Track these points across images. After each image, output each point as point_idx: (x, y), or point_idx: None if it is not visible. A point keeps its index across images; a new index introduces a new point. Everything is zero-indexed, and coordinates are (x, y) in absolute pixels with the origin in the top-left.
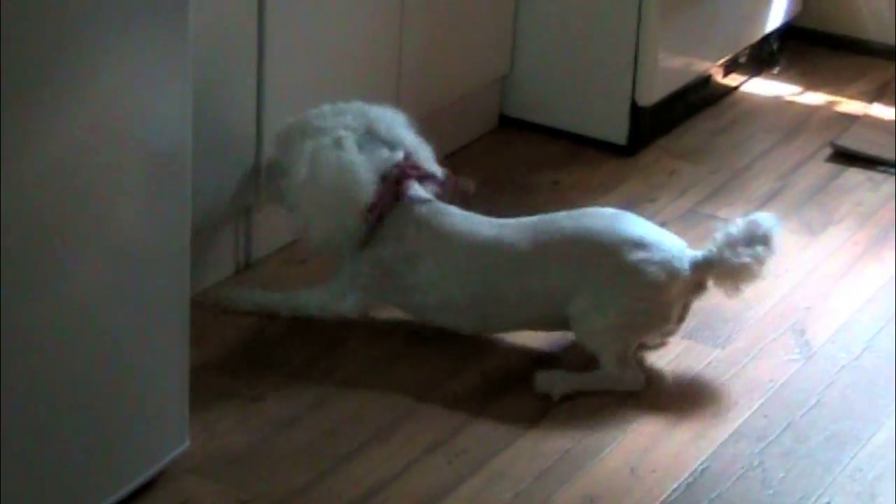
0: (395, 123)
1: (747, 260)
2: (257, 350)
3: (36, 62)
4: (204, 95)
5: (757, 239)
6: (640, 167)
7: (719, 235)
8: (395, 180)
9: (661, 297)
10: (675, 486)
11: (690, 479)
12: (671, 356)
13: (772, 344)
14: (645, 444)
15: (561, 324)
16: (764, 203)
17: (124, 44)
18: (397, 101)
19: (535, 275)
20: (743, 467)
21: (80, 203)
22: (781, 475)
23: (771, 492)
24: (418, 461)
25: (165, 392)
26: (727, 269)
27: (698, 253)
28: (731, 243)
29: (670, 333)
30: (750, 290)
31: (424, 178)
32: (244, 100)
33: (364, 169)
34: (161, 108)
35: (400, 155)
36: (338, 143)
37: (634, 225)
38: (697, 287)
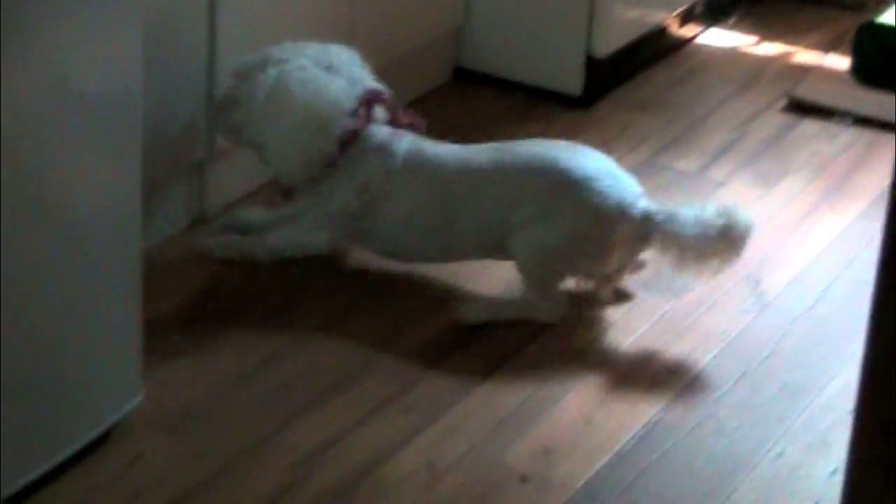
0: (353, 62)
1: (696, 234)
2: (213, 304)
3: None
4: (154, 47)
5: (722, 227)
6: (595, 119)
7: (686, 206)
8: (366, 103)
9: (605, 228)
10: (630, 436)
11: (645, 430)
12: (625, 308)
13: (726, 295)
14: (600, 395)
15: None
16: (719, 155)
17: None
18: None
19: (491, 190)
20: (697, 418)
21: (27, 155)
22: (735, 425)
23: (725, 441)
24: (373, 414)
25: (119, 346)
26: (676, 235)
27: (653, 204)
28: (692, 213)
29: (609, 281)
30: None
31: (389, 105)
32: (195, 49)
33: (335, 88)
34: (111, 56)
35: (361, 87)
36: (303, 69)
37: (597, 158)
38: (642, 239)
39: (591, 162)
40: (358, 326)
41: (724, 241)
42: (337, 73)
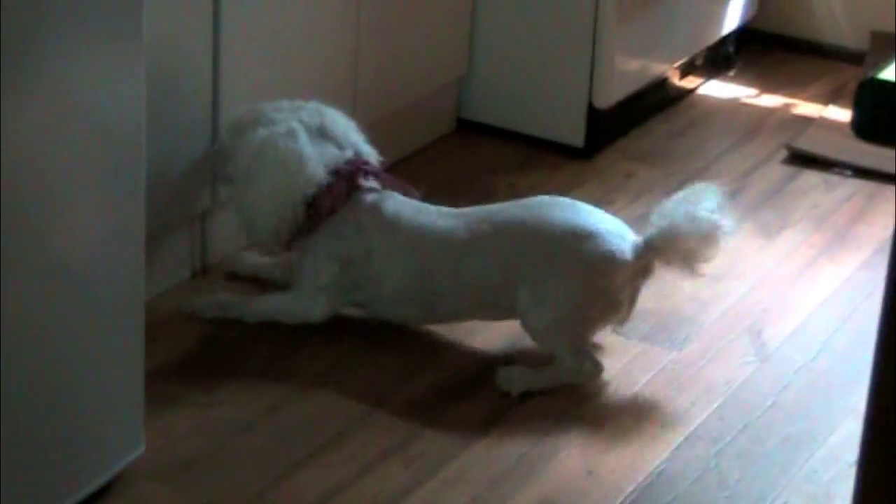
0: (348, 128)
1: (689, 234)
2: (213, 354)
3: None
4: (157, 98)
5: (696, 211)
6: (597, 170)
7: (655, 214)
8: (347, 175)
9: (605, 285)
10: (632, 488)
11: (647, 482)
12: (627, 358)
13: (728, 346)
14: (602, 446)
15: (507, 312)
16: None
17: (78, 36)
18: (354, 102)
19: (470, 263)
20: (699, 469)
21: (31, 201)
22: (738, 477)
23: (727, 493)
24: (374, 466)
25: (121, 396)
26: (671, 247)
27: (640, 237)
28: (670, 220)
29: (624, 320)
30: (706, 292)
31: (375, 175)
32: (199, 102)
33: (313, 160)
34: (115, 102)
35: (351, 152)
36: (290, 134)
37: (573, 211)
38: (644, 271)
39: (570, 221)
40: (358, 377)
41: (705, 226)
42: (329, 137)
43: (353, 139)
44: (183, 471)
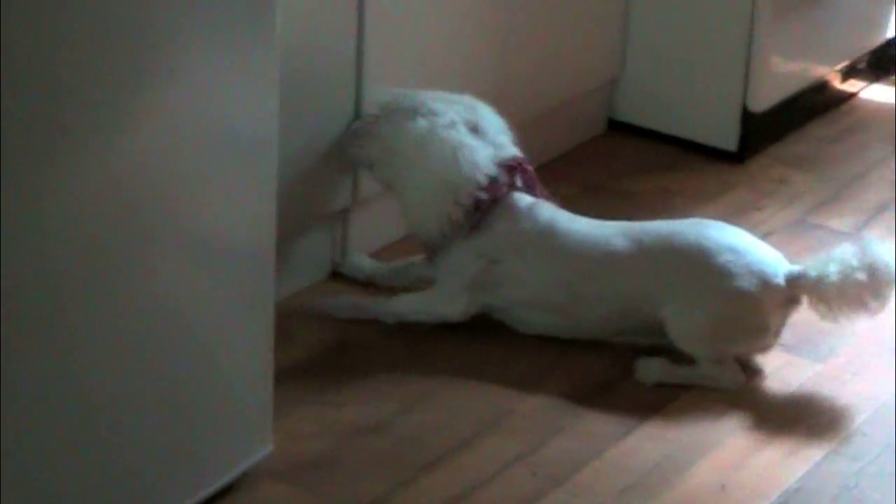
0: (499, 127)
1: (841, 283)
2: (347, 354)
3: (127, 58)
4: (298, 93)
5: (863, 267)
6: (749, 174)
7: (823, 255)
8: (508, 170)
9: (753, 308)
10: None
11: (782, 499)
12: (769, 370)
13: (874, 360)
14: (737, 460)
15: (650, 331)
16: (875, 214)
17: (212, 38)
18: (500, 101)
19: (628, 276)
20: (838, 487)
21: (166, 200)
22: (878, 498)
23: None
24: (501, 472)
25: (249, 395)
26: (822, 289)
27: (794, 267)
28: (829, 263)
29: (767, 348)
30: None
31: (529, 176)
32: (341, 106)
33: (482, 153)
34: (247, 104)
35: (513, 149)
36: (452, 127)
37: (730, 234)
38: (792, 302)
39: (726, 241)
40: (491, 380)
41: (869, 286)
42: (482, 135)
43: (501, 139)
44: (307, 471)
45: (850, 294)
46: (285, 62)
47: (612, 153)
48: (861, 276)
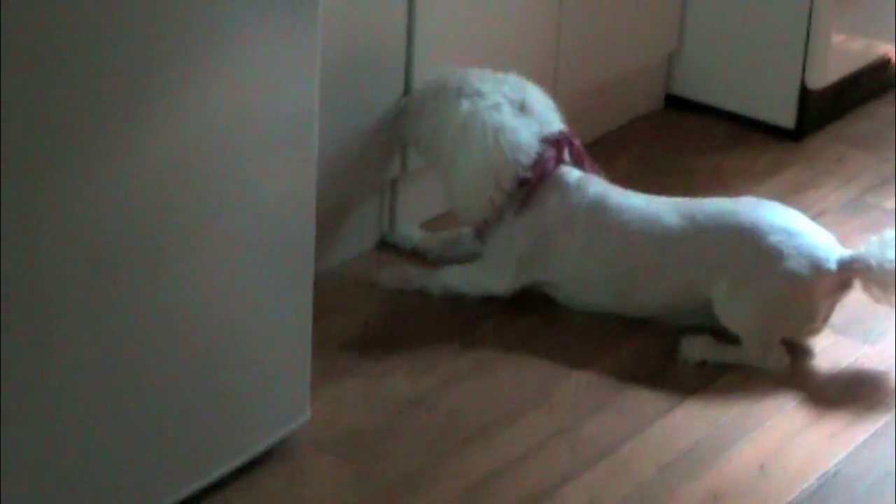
0: (547, 106)
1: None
2: (393, 325)
3: (175, 45)
4: (349, 77)
5: None
6: (806, 153)
7: (875, 237)
8: (556, 145)
9: (804, 291)
10: (804, 487)
11: (821, 481)
12: (816, 350)
13: None
14: (778, 441)
15: (700, 311)
16: None
17: (254, 19)
18: (555, 74)
19: (680, 253)
20: (880, 472)
21: (210, 177)
22: None
23: None
24: (541, 448)
25: (288, 364)
26: (875, 273)
27: (847, 252)
28: (885, 247)
29: (815, 332)
30: None
31: (578, 152)
32: (391, 80)
33: (524, 133)
34: (288, 86)
35: (559, 125)
36: (496, 108)
37: (784, 216)
38: (844, 286)
39: (779, 222)
40: (537, 355)
41: None
42: (529, 113)
43: (548, 116)
44: (348, 441)
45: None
46: (337, 37)
47: (669, 129)
48: None
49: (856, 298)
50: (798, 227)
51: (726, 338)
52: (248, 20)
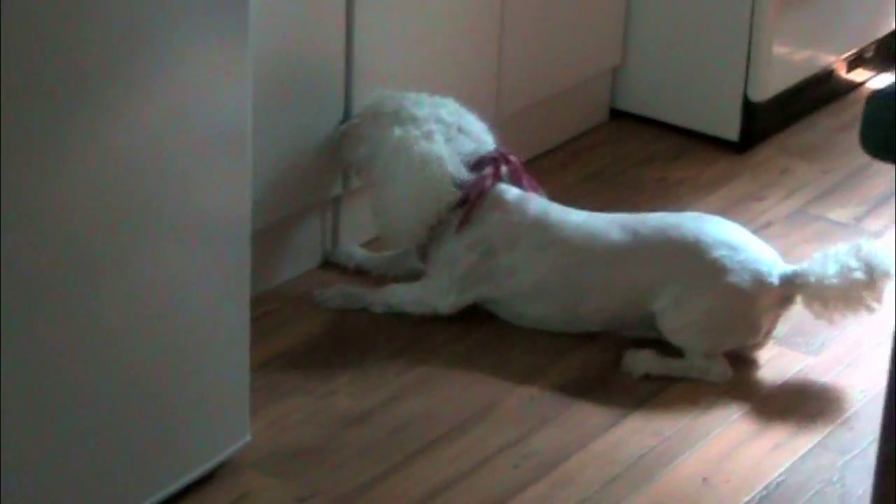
0: (482, 130)
1: (838, 283)
2: (337, 344)
3: (109, 56)
4: (288, 89)
5: (860, 266)
6: (751, 164)
7: (818, 254)
8: (493, 163)
9: (746, 305)
10: (747, 498)
11: (765, 492)
12: (760, 362)
13: (867, 353)
14: (722, 453)
15: (643, 323)
16: (877, 205)
17: (188, 38)
18: (498, 91)
19: (624, 267)
20: (822, 482)
21: (143, 192)
22: (861, 492)
23: None
24: (486, 463)
25: (227, 385)
26: (815, 289)
27: (789, 267)
28: (826, 264)
29: (758, 346)
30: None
31: (515, 168)
32: (331, 91)
33: (452, 162)
34: (222, 98)
35: (490, 145)
36: (427, 136)
37: (728, 230)
38: (786, 301)
39: (722, 236)
40: (482, 369)
41: (867, 285)
42: (467, 134)
43: (486, 138)
44: (290, 460)
45: (849, 294)
46: (277, 60)
47: (614, 142)
48: (859, 275)
49: (799, 311)
50: (741, 241)
51: (670, 351)
52: (180, 32)
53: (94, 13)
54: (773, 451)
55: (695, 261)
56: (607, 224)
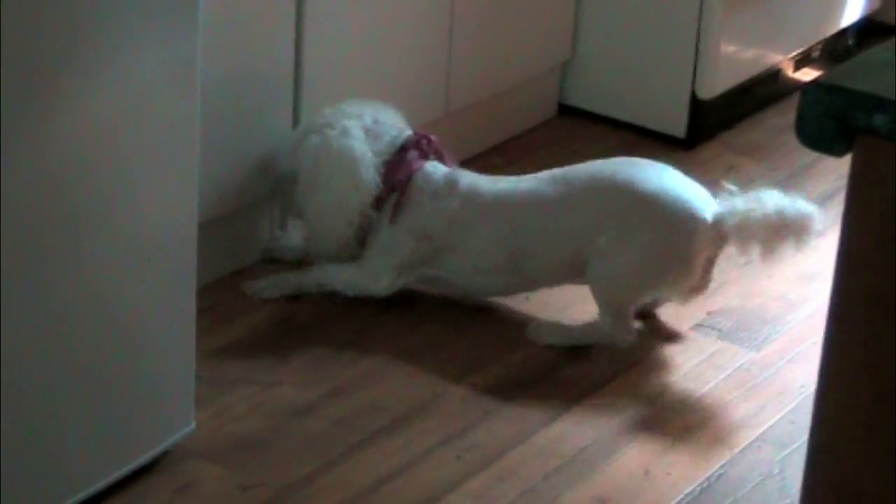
0: (398, 117)
1: (770, 219)
2: (282, 336)
3: (59, 50)
4: (238, 87)
5: (788, 206)
6: (698, 161)
7: (751, 194)
8: (415, 146)
9: (681, 241)
10: (688, 490)
11: (705, 485)
12: (703, 356)
13: (809, 349)
14: (663, 446)
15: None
16: (821, 203)
17: (136, 37)
18: (447, 84)
19: (560, 217)
20: (762, 474)
21: (91, 188)
22: (799, 485)
23: (788, 501)
24: (428, 454)
25: (171, 374)
26: (749, 226)
27: (722, 205)
28: (757, 200)
29: (696, 291)
30: (795, 292)
31: (436, 149)
32: (280, 83)
33: (366, 157)
34: (170, 97)
35: (409, 131)
36: (345, 132)
37: (658, 170)
38: (720, 239)
39: (655, 175)
40: (426, 364)
41: (797, 220)
42: (382, 124)
43: (404, 126)
44: (234, 450)
45: (780, 229)
46: (226, 57)
47: (563, 138)
48: (790, 211)
49: (742, 306)
50: (674, 182)
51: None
52: (131, 27)
53: (45, 7)
54: (714, 444)
55: (629, 201)
56: (537, 182)
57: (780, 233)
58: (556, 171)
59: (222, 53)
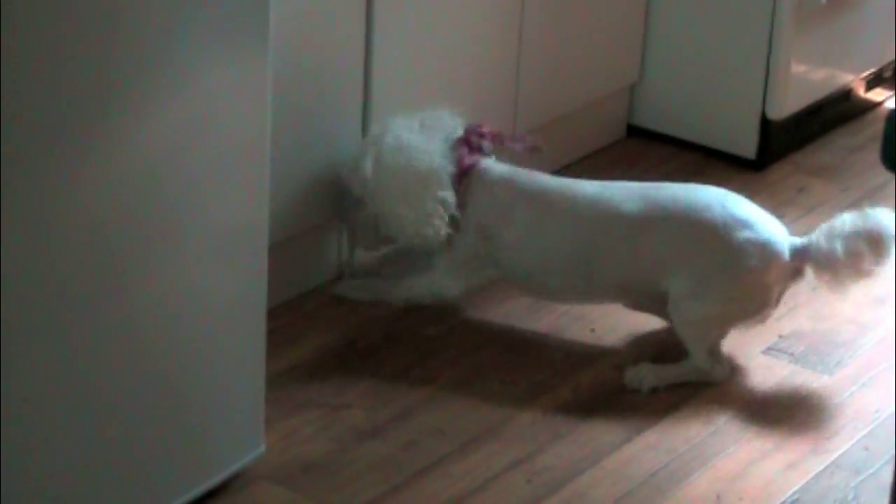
0: (445, 117)
1: (845, 253)
2: (349, 358)
3: (133, 67)
4: (308, 105)
5: (865, 234)
6: (768, 182)
7: (825, 225)
8: (468, 143)
9: (760, 283)
10: None
11: None
12: (775, 380)
13: (883, 373)
14: (736, 470)
15: (655, 300)
16: None
17: (207, 58)
18: (516, 107)
19: (639, 239)
20: (836, 501)
21: (163, 203)
22: None
23: None
24: (496, 478)
25: (241, 397)
26: (826, 260)
27: (798, 239)
28: (835, 234)
29: (765, 318)
30: (867, 315)
31: (493, 137)
32: (349, 102)
33: (431, 142)
34: (239, 118)
35: (460, 128)
36: (397, 138)
37: (738, 204)
38: (796, 273)
39: (734, 211)
40: (494, 387)
41: (873, 248)
42: (430, 128)
43: (453, 123)
44: (301, 473)
45: (856, 264)
46: (296, 72)
47: (631, 159)
48: (864, 244)
49: (814, 329)
50: (752, 216)
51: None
52: (202, 44)
53: (119, 26)
54: (787, 469)
55: (712, 242)
56: (620, 194)
57: (859, 267)
58: (638, 186)
59: (291, 71)
